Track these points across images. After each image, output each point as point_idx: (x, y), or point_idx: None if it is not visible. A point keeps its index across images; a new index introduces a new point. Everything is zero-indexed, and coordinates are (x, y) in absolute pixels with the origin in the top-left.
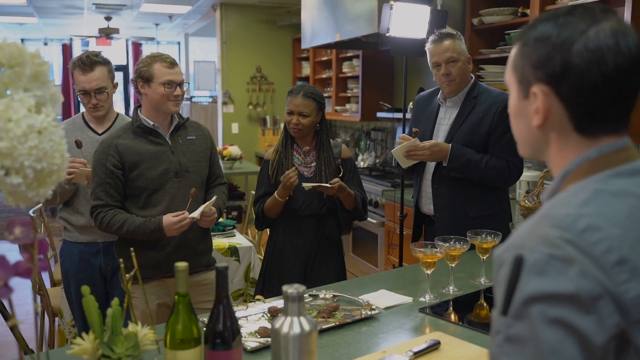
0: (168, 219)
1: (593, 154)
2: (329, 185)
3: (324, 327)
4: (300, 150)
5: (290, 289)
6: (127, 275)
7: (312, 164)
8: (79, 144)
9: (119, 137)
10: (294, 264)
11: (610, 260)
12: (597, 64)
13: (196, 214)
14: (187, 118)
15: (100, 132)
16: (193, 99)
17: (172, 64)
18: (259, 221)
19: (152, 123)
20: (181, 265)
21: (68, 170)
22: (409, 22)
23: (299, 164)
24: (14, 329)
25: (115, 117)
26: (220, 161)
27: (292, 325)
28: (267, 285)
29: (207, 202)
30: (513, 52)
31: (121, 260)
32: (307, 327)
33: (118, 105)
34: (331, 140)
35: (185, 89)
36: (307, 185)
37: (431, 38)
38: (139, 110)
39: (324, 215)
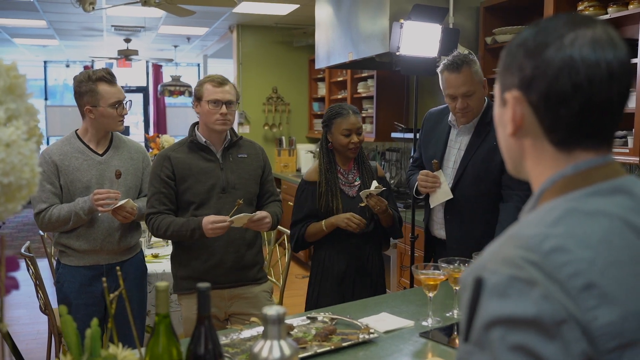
0: (207, 218)
1: (569, 170)
2: (383, 200)
3: (319, 351)
4: (343, 171)
5: (269, 310)
6: (111, 295)
7: (355, 183)
8: (118, 175)
9: (173, 150)
10: (337, 280)
11: (576, 284)
12: (567, 71)
13: (236, 218)
14: (241, 137)
15: (100, 152)
16: None
17: (221, 83)
18: (298, 244)
19: (204, 140)
20: (161, 285)
21: (101, 203)
22: (419, 41)
23: (343, 185)
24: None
25: (111, 137)
26: None
27: (271, 350)
28: (310, 301)
29: (255, 213)
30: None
31: (104, 279)
32: (287, 351)
33: (139, 126)
34: None
35: (233, 109)
36: (363, 205)
37: (446, 63)
38: (196, 128)
39: (369, 233)
